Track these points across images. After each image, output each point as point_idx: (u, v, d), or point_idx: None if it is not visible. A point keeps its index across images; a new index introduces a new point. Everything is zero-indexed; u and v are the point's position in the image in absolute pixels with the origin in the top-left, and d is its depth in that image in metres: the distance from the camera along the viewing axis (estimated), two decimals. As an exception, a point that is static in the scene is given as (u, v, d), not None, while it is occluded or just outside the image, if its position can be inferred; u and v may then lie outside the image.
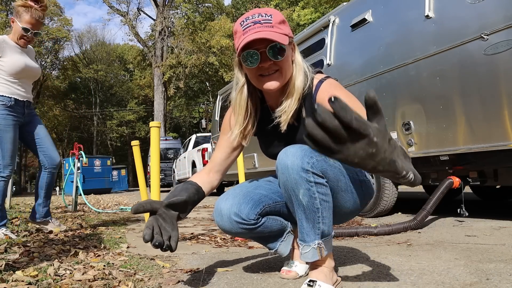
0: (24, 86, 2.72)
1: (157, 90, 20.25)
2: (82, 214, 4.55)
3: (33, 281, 1.38)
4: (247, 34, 1.21)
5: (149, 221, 1.25)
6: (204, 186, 1.40)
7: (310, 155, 1.17)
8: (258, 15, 1.23)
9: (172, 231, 1.25)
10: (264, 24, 1.21)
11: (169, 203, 1.27)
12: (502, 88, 2.49)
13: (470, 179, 2.95)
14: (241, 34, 1.23)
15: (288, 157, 1.17)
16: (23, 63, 2.67)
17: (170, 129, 33.36)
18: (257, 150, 5.73)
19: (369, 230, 2.48)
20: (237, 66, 1.35)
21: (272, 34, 1.20)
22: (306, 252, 1.22)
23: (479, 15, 2.60)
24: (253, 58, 1.22)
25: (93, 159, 15.23)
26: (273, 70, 1.25)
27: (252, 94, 1.38)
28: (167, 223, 1.25)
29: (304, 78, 1.29)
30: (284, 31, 1.23)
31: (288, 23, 1.30)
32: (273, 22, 1.22)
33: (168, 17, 20.80)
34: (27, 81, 2.75)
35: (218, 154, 1.48)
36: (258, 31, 1.20)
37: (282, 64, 1.24)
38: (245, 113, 1.38)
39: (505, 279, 1.32)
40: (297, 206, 1.20)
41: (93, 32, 40.47)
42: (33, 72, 2.79)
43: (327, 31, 4.09)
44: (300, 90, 1.28)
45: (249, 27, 1.21)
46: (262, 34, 1.19)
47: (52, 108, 32.95)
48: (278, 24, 1.23)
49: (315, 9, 18.74)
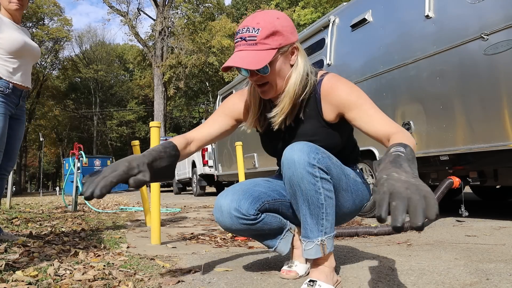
0: (24, 69, 2.41)
1: (157, 90, 20.25)
2: (82, 214, 4.55)
3: (33, 281, 1.38)
4: (235, 49, 1.26)
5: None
6: (181, 152, 1.35)
7: (316, 151, 1.19)
8: (246, 29, 1.24)
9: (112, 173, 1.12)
10: (249, 41, 1.22)
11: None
12: (502, 88, 2.49)
13: (470, 179, 2.95)
14: (235, 47, 1.28)
15: (294, 152, 1.19)
16: (22, 40, 2.38)
17: (170, 129, 33.34)
18: (257, 150, 5.73)
19: (369, 230, 2.48)
20: None
21: (249, 55, 1.21)
22: (309, 249, 1.23)
23: (479, 15, 2.60)
24: (243, 72, 1.27)
25: (93, 159, 15.25)
26: (262, 82, 1.28)
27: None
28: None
29: (301, 79, 1.30)
30: (271, 45, 1.22)
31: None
32: (258, 38, 1.22)
33: (168, 17, 20.79)
34: (27, 61, 2.45)
35: (207, 131, 1.44)
36: (240, 50, 1.24)
37: (269, 77, 1.27)
38: (259, 103, 1.41)
39: (505, 279, 1.32)
40: (302, 201, 1.21)
41: (93, 32, 40.57)
42: (33, 51, 2.48)
43: (327, 31, 4.09)
44: (292, 94, 1.29)
45: (237, 42, 1.26)
46: (238, 61, 1.21)
47: (52, 108, 32.96)
48: (264, 40, 1.22)
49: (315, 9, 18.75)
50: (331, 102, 1.30)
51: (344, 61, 3.91)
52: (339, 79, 1.33)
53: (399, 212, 0.74)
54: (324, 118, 1.33)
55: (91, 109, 35.97)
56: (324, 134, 1.34)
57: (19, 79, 2.37)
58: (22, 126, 2.51)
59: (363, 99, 1.27)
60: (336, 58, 3.96)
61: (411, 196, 0.77)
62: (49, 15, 29.07)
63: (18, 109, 2.45)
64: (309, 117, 1.35)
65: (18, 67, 2.36)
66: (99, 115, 35.66)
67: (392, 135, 1.16)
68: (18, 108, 2.44)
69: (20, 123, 2.49)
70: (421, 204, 0.75)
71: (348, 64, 3.87)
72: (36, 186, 41.21)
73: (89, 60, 36.96)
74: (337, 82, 1.30)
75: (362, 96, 1.27)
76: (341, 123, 1.34)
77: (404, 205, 0.76)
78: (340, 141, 1.38)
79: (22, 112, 2.50)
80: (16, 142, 2.47)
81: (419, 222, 0.72)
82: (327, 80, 1.32)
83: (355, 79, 3.64)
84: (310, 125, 1.35)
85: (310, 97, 1.33)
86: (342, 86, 1.29)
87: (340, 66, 3.90)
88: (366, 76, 3.57)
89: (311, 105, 1.34)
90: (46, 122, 32.92)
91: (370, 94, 1.34)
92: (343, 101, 1.27)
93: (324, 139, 1.33)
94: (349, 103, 1.26)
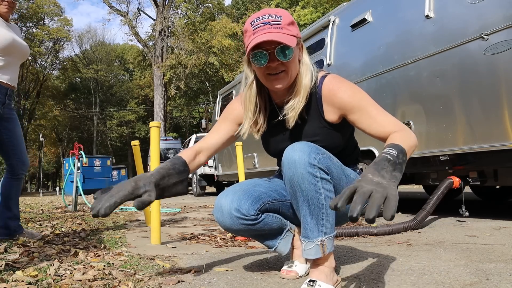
0: (11, 68, 2.38)
1: (157, 90, 20.25)
2: (82, 214, 4.55)
3: (33, 281, 1.38)
4: (257, 34, 1.23)
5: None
6: (190, 165, 1.37)
7: (316, 151, 1.19)
8: (268, 15, 1.25)
9: (117, 193, 1.16)
10: (274, 26, 1.23)
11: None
12: (502, 88, 2.49)
13: (470, 179, 2.95)
14: (251, 33, 1.26)
15: (295, 152, 1.19)
16: (11, 37, 2.34)
17: (170, 129, 33.34)
18: (257, 150, 5.73)
19: (369, 230, 2.48)
20: (246, 63, 1.37)
21: (281, 36, 1.22)
22: (309, 249, 1.23)
23: (479, 15, 2.60)
24: (262, 58, 1.25)
25: (93, 159, 15.24)
26: (280, 70, 1.27)
27: (261, 90, 1.40)
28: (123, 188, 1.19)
29: (311, 77, 1.32)
30: (292, 32, 1.26)
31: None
32: (282, 23, 1.24)
33: (168, 17, 20.79)
34: (15, 61, 2.41)
35: (213, 139, 1.47)
36: (267, 32, 1.22)
37: (289, 64, 1.27)
38: (254, 108, 1.40)
39: (505, 279, 1.32)
40: (302, 201, 1.21)
41: (93, 32, 40.63)
42: (21, 50, 2.44)
43: (327, 31, 4.09)
44: (308, 88, 1.31)
45: (259, 27, 1.24)
46: (271, 36, 1.21)
47: (52, 108, 32.96)
48: (287, 26, 1.25)
49: (315, 9, 18.75)
50: (333, 104, 1.30)
51: (344, 61, 3.91)
52: (341, 80, 1.33)
53: (356, 205, 0.86)
54: (326, 118, 1.33)
55: (91, 109, 35.97)
56: (325, 135, 1.34)
57: (5, 78, 2.34)
58: (17, 124, 2.48)
59: (365, 100, 1.27)
60: (336, 58, 3.96)
61: (373, 194, 0.88)
62: (49, 15, 29.08)
63: (6, 108, 2.40)
64: (310, 117, 1.35)
65: (4, 65, 2.33)
66: (99, 115, 35.66)
67: (391, 134, 1.18)
68: (5, 107, 2.39)
69: (13, 121, 2.46)
70: (379, 201, 0.86)
71: (348, 64, 3.87)
72: (36, 186, 41.18)
73: (89, 60, 36.96)
74: (339, 84, 1.30)
75: (364, 97, 1.28)
76: (342, 123, 1.35)
77: (363, 199, 0.87)
78: (341, 141, 1.38)
79: (11, 110, 2.46)
80: (18, 140, 2.46)
81: (371, 216, 0.83)
82: (328, 82, 1.32)
83: (355, 79, 3.64)
84: (311, 126, 1.36)
85: (312, 98, 1.34)
86: (344, 88, 1.29)
87: (340, 66, 3.90)
88: (366, 76, 3.57)
89: (312, 105, 1.34)
90: (46, 122, 32.92)
91: (370, 94, 1.34)
92: (345, 104, 1.28)
93: (325, 139, 1.33)
94: (352, 106, 1.27)
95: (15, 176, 2.45)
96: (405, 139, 1.12)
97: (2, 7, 2.39)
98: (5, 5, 2.39)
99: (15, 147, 2.43)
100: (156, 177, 1.23)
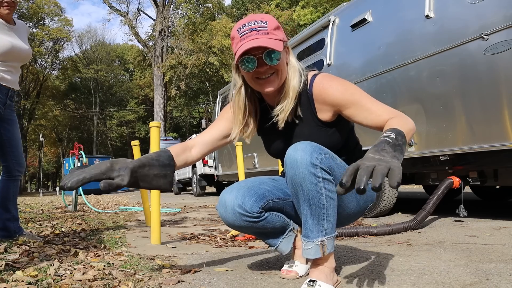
0: (11, 70, 2.37)
1: (157, 90, 20.25)
2: (82, 214, 4.55)
3: (33, 281, 1.38)
4: (244, 41, 1.26)
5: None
6: (177, 159, 1.38)
7: (319, 151, 1.20)
8: (254, 22, 1.28)
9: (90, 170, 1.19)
10: (260, 31, 1.26)
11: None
12: (502, 88, 2.49)
13: (470, 179, 2.95)
14: (239, 40, 1.28)
15: (297, 151, 1.19)
16: (9, 44, 2.32)
17: (170, 129, 33.33)
18: (257, 150, 5.73)
19: (369, 230, 2.48)
20: (234, 69, 1.40)
21: (268, 41, 1.25)
22: (309, 249, 1.23)
23: (479, 15, 2.60)
24: (250, 63, 1.27)
25: (93, 159, 15.24)
26: (269, 73, 1.29)
27: (250, 94, 1.42)
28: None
29: (299, 78, 1.34)
30: (278, 36, 1.28)
31: (282, 28, 1.36)
32: (269, 29, 1.27)
33: (168, 17, 20.80)
34: (15, 64, 2.40)
35: (208, 134, 1.47)
36: (254, 38, 1.25)
37: (278, 67, 1.29)
38: (243, 113, 1.42)
39: (505, 279, 1.32)
40: (303, 201, 1.21)
41: (93, 32, 40.70)
42: (21, 54, 2.41)
43: (327, 31, 4.09)
44: (296, 90, 1.33)
45: (245, 34, 1.27)
46: (259, 42, 1.24)
47: (52, 108, 32.95)
48: (273, 31, 1.28)
49: (315, 9, 18.74)
50: (325, 103, 1.32)
51: (344, 61, 3.91)
52: (331, 78, 1.34)
53: (361, 177, 0.87)
54: (319, 118, 1.34)
55: (91, 109, 35.97)
56: (320, 134, 1.35)
57: (4, 79, 2.34)
58: (16, 125, 2.49)
59: (357, 94, 1.28)
60: (336, 58, 3.96)
61: (376, 167, 0.89)
62: (50, 15, 29.10)
63: (7, 109, 2.41)
64: (304, 117, 1.36)
65: (4, 68, 2.33)
66: (99, 115, 35.66)
67: (388, 121, 1.19)
68: (6, 108, 2.39)
69: (13, 123, 2.47)
70: (383, 171, 0.87)
71: (348, 64, 3.87)
72: (36, 186, 41.20)
73: (89, 60, 36.96)
74: (329, 82, 1.32)
75: (356, 92, 1.29)
76: (338, 121, 1.35)
77: (367, 172, 0.88)
78: (338, 139, 1.38)
79: (12, 111, 2.47)
80: (17, 142, 2.46)
81: (377, 184, 0.85)
82: (318, 81, 1.33)
83: (355, 79, 3.64)
84: (306, 125, 1.37)
85: (303, 98, 1.35)
86: (335, 85, 1.31)
87: (340, 66, 3.90)
88: (366, 76, 3.57)
89: (305, 105, 1.36)
90: (46, 122, 32.91)
91: (370, 94, 1.34)
92: (338, 101, 1.29)
93: (319, 138, 1.34)
94: (345, 102, 1.28)
95: (12, 177, 2.44)
96: (403, 124, 1.13)
97: (2, 9, 2.36)
98: (5, 7, 2.37)
99: (13, 149, 2.42)
100: (135, 164, 1.24)
